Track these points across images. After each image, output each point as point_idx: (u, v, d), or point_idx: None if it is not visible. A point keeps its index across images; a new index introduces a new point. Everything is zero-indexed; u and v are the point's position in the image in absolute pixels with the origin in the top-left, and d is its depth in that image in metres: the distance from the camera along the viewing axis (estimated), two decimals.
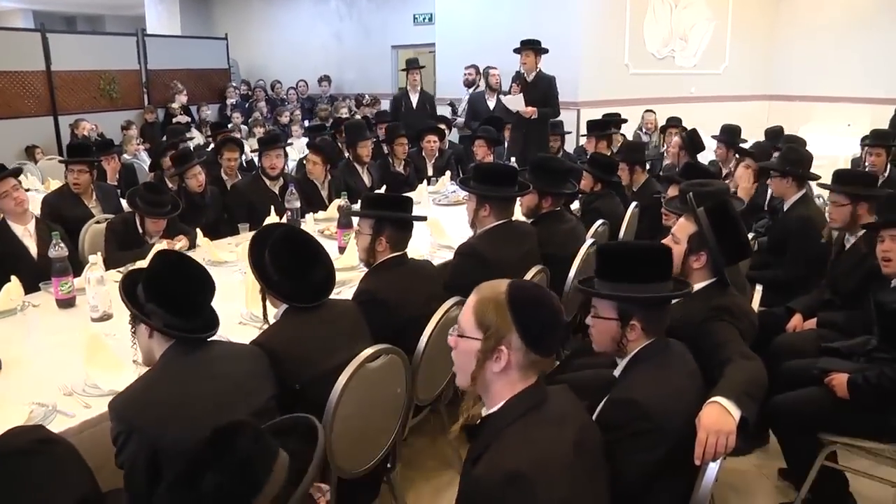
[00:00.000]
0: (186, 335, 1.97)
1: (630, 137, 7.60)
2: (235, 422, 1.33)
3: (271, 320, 2.39)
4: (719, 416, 1.84)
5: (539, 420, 1.62)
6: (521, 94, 6.50)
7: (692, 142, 5.57)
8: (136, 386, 1.90)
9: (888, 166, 5.30)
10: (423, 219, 3.12)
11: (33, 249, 3.62)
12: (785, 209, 4.07)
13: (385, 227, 2.82)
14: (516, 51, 6.60)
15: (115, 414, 1.82)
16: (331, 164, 5.33)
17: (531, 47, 6.51)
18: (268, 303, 2.40)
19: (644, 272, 2.03)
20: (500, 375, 1.65)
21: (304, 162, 5.55)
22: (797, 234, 3.84)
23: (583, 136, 7.47)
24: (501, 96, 7.00)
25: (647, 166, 5.48)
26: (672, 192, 3.89)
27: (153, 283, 1.99)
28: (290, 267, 2.28)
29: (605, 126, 6.36)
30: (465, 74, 8.52)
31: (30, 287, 3.13)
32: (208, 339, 2.05)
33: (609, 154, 5.80)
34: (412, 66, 7.94)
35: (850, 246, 3.42)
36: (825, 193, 5.10)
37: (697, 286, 2.44)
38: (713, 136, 6.02)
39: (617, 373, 2.07)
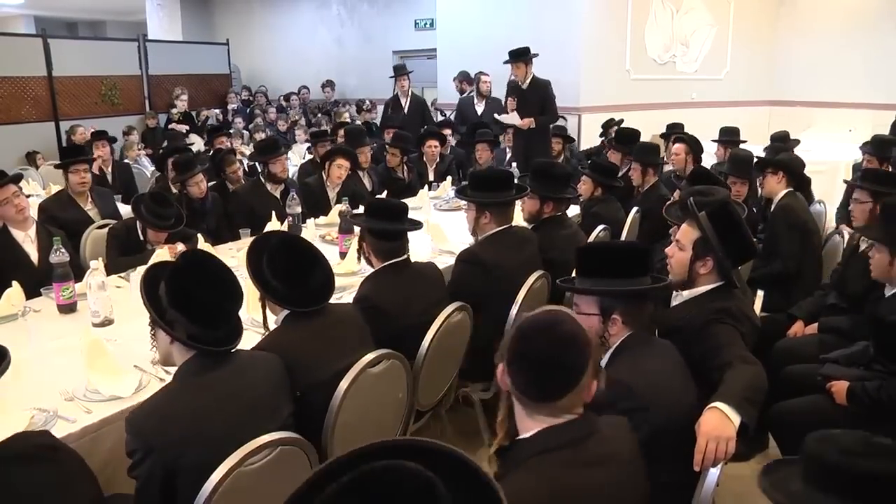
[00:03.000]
0: (209, 348, 1.89)
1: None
2: None
3: (271, 327, 2.38)
4: (719, 422, 1.84)
5: (570, 460, 1.48)
6: (515, 112, 6.45)
7: (696, 145, 5.57)
8: (155, 401, 1.82)
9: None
10: (402, 232, 2.86)
11: (34, 255, 3.60)
12: (773, 208, 4.16)
13: (365, 235, 2.82)
14: (507, 62, 6.50)
15: (132, 429, 1.75)
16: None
17: (520, 58, 6.39)
18: (267, 310, 2.39)
19: (622, 267, 2.13)
20: (517, 403, 1.56)
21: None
22: (779, 222, 3.98)
23: (605, 140, 7.36)
24: (496, 115, 6.93)
25: None
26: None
27: (177, 288, 1.89)
28: (287, 272, 2.26)
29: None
30: (454, 83, 8.61)
31: (31, 292, 3.12)
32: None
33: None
34: (400, 72, 7.85)
35: (864, 248, 3.39)
36: (827, 199, 5.15)
37: (703, 289, 2.45)
38: (713, 140, 6.02)
39: (603, 363, 2.06)
